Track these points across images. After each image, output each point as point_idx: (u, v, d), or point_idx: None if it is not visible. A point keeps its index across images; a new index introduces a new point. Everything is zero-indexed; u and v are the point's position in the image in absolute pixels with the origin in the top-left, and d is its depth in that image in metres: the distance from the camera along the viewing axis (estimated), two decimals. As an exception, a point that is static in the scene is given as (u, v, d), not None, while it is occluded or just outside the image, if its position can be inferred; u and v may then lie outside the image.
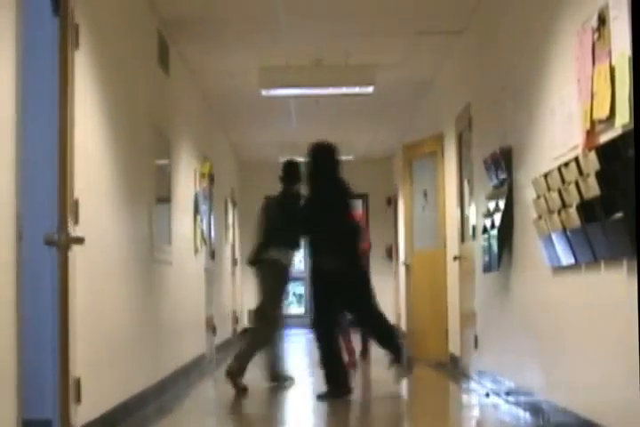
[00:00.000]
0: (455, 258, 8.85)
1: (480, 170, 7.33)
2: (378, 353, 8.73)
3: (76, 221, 4.92)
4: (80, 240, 4.59)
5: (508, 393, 6.60)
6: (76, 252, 4.88)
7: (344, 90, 9.15)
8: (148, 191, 7.15)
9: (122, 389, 6.02)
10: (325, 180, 7.46)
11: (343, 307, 7.65)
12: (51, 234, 4.43)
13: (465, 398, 7.48)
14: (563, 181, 4.85)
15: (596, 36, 4.41)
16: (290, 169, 8.03)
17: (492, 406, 6.61)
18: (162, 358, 7.55)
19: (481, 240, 7.15)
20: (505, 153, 6.51)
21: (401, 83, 10.36)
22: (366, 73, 8.91)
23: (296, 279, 14.09)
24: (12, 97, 4.00)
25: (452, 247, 9.29)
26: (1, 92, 3.89)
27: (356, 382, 8.15)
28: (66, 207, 4.54)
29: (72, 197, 4.87)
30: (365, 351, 10.57)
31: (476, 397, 7.18)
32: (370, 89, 9.06)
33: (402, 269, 12.89)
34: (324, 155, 7.54)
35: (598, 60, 4.37)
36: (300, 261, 15.54)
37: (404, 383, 7.98)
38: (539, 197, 5.34)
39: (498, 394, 6.88)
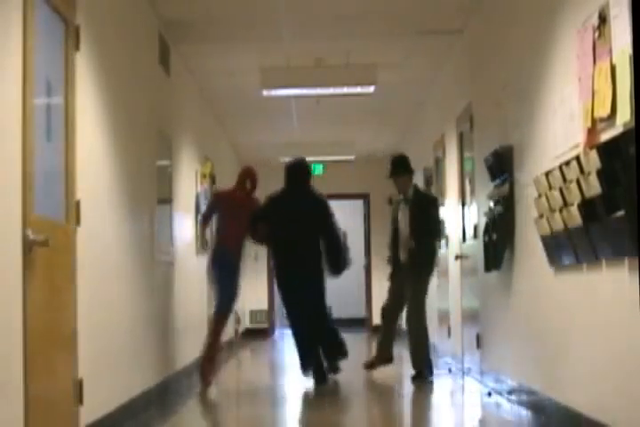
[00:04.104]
0: (457, 257, 8.84)
1: (481, 169, 7.32)
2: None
3: (78, 223, 4.92)
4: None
5: (510, 392, 6.60)
6: (78, 253, 4.89)
7: (345, 90, 9.13)
8: (150, 192, 7.15)
9: (124, 390, 6.02)
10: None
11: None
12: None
13: (467, 397, 7.48)
14: (564, 179, 4.84)
15: (596, 34, 4.41)
16: None
17: (494, 405, 6.60)
18: (164, 358, 7.54)
19: (482, 239, 7.15)
20: (506, 152, 6.50)
21: (402, 82, 10.36)
22: (367, 73, 8.89)
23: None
24: (19, 98, 4.00)
25: (454, 246, 9.29)
26: (8, 94, 3.89)
27: (356, 381, 8.15)
28: (26, 209, 4.07)
29: (74, 199, 4.87)
30: None
31: (479, 396, 7.18)
32: (371, 89, 9.05)
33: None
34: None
35: (599, 58, 4.37)
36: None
37: (405, 382, 7.98)
38: (540, 195, 5.34)
39: (500, 393, 6.88)
